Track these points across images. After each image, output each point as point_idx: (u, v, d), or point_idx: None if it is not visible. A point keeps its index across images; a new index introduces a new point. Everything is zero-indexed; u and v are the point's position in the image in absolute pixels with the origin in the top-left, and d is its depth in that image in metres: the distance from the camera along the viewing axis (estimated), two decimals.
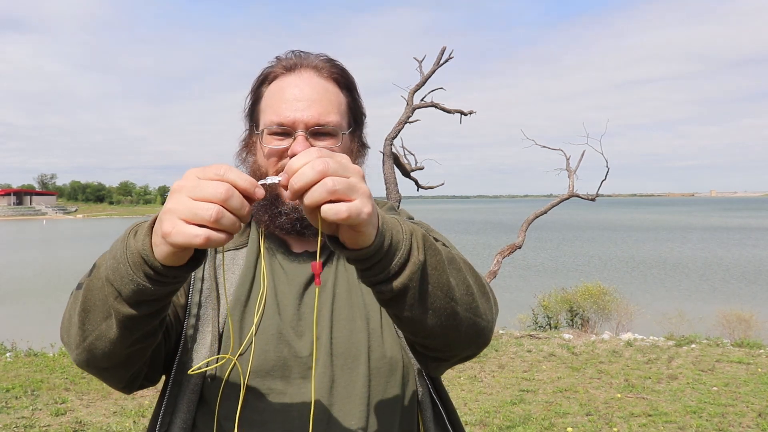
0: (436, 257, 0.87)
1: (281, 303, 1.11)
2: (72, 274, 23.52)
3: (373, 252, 0.80)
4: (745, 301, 12.91)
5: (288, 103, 1.09)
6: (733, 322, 9.66)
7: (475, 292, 0.95)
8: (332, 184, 0.73)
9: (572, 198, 8.83)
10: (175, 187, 0.74)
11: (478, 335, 0.97)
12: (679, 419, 5.24)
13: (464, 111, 8.32)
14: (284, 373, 1.05)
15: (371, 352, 1.07)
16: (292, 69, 1.13)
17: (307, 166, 0.73)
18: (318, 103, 1.09)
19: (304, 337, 1.08)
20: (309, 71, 1.12)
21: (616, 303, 10.50)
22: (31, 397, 5.85)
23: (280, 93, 1.11)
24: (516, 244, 8.30)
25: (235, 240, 1.17)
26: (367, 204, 0.75)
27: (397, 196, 7.65)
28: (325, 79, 1.12)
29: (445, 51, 8.09)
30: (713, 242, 36.29)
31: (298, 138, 1.07)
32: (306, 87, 1.10)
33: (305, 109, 1.08)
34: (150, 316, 0.87)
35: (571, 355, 7.73)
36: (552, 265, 23.95)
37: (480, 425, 5.15)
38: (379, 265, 0.82)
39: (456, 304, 0.91)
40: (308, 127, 1.08)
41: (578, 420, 5.28)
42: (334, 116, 1.10)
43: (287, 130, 1.08)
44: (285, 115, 1.08)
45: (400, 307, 0.87)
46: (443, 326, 0.91)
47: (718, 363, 7.21)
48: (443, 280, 0.88)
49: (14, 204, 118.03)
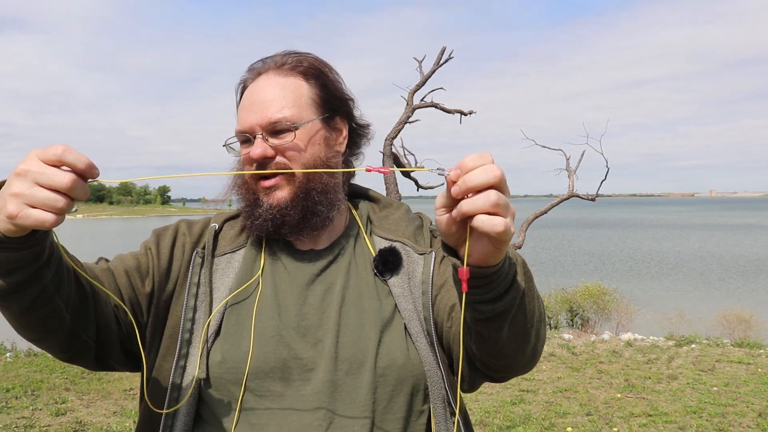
0: (530, 284, 0.91)
1: (282, 303, 1.09)
2: None
3: (495, 270, 0.83)
4: (745, 301, 12.91)
5: (246, 109, 1.12)
6: (733, 322, 9.65)
7: (543, 318, 0.99)
8: (497, 198, 0.74)
9: (572, 198, 8.83)
10: (20, 170, 0.77)
11: (535, 358, 1.01)
12: (679, 419, 5.23)
13: (464, 111, 8.31)
14: (284, 375, 1.04)
15: (378, 360, 1.05)
16: (258, 74, 1.14)
17: (482, 169, 0.75)
18: (272, 101, 1.09)
19: (306, 339, 1.06)
20: (270, 72, 1.13)
21: (616, 303, 10.49)
22: (31, 397, 5.85)
23: (243, 101, 1.14)
24: (516, 244, 8.30)
25: (232, 243, 1.17)
26: (512, 225, 0.77)
27: (397, 196, 7.65)
28: (285, 75, 1.13)
29: (445, 51, 8.08)
30: (713, 242, 36.30)
31: (255, 141, 1.09)
32: (263, 89, 1.11)
33: (259, 110, 1.09)
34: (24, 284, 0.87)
35: (571, 355, 7.73)
36: (552, 265, 23.96)
37: (480, 425, 5.15)
38: (491, 285, 0.84)
39: (533, 329, 0.94)
40: (263, 128, 1.09)
41: (578, 420, 5.28)
42: (288, 110, 1.09)
43: (247, 136, 1.11)
44: (243, 122, 1.11)
45: (491, 327, 0.90)
46: (517, 349, 0.95)
47: (718, 363, 7.21)
48: (531, 306, 0.92)
49: None
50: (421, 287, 1.10)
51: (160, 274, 1.12)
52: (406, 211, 1.25)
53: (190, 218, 1.26)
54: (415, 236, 1.18)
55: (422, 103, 8.17)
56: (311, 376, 1.04)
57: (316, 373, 1.04)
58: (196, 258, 1.13)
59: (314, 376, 1.04)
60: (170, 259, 1.14)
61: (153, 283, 1.11)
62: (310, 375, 1.04)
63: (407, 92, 8.22)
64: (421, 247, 1.15)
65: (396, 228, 1.19)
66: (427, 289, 1.09)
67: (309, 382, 1.03)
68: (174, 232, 1.19)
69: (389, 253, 1.13)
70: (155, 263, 1.13)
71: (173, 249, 1.15)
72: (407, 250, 1.14)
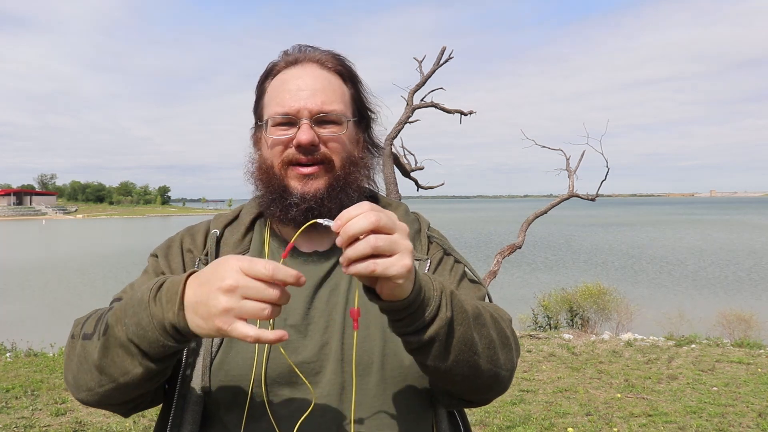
0: (462, 314, 0.93)
1: (287, 307, 1.07)
2: (72, 274, 23.52)
3: (406, 305, 0.86)
4: (745, 301, 12.91)
5: (291, 93, 1.09)
6: (733, 322, 9.66)
7: (497, 345, 1.01)
8: (375, 240, 0.78)
9: (572, 198, 8.83)
10: (228, 287, 0.79)
11: (497, 384, 1.04)
12: (679, 419, 5.23)
13: (464, 111, 8.31)
14: (290, 380, 1.03)
15: (385, 361, 1.05)
16: (296, 62, 1.13)
17: (361, 217, 0.79)
18: (321, 91, 1.09)
19: (312, 342, 1.05)
20: (312, 64, 1.13)
21: (616, 303, 10.50)
22: (31, 397, 5.85)
23: (284, 85, 1.11)
24: (516, 245, 8.30)
25: (235, 249, 1.16)
26: (406, 260, 0.80)
27: (397, 196, 7.65)
28: (329, 71, 1.13)
29: (444, 51, 8.09)
30: (713, 242, 36.29)
31: (303, 126, 1.07)
32: (309, 78, 1.10)
33: (309, 97, 1.08)
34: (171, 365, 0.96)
35: (571, 355, 7.73)
36: (551, 265, 23.96)
37: (480, 425, 5.15)
38: (410, 318, 0.88)
39: (478, 357, 0.97)
40: (312, 114, 1.07)
41: (578, 420, 5.28)
42: (338, 104, 1.10)
43: (292, 119, 1.08)
44: (289, 105, 1.08)
45: (425, 356, 0.93)
46: (464, 375, 0.97)
47: (718, 363, 7.21)
48: (467, 335, 0.94)
49: (14, 204, 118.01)
50: None
51: None
52: (405, 212, 1.24)
53: (190, 225, 1.24)
54: (413, 240, 1.17)
55: (422, 103, 8.17)
56: (319, 379, 1.03)
57: (323, 376, 1.03)
58: (200, 265, 1.12)
59: (321, 379, 1.03)
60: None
61: None
62: (318, 378, 1.03)
63: (407, 92, 8.22)
64: (418, 253, 1.16)
65: None
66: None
67: (317, 385, 1.03)
68: (180, 246, 1.18)
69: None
70: None
71: (184, 264, 1.15)
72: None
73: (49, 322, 12.70)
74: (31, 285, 20.48)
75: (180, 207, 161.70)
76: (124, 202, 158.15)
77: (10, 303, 16.59)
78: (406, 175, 8.25)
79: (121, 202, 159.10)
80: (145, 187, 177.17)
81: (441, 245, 1.21)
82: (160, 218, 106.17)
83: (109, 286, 18.60)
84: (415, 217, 1.26)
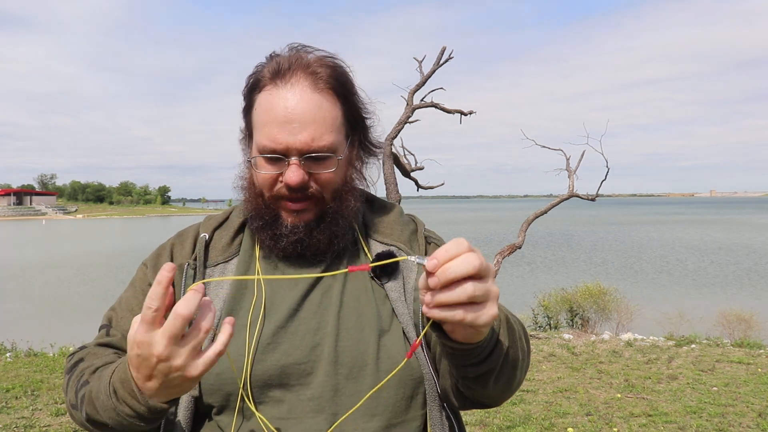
0: (512, 337, 0.95)
1: (279, 308, 1.07)
2: (72, 274, 23.52)
3: (477, 345, 0.86)
4: (745, 301, 12.91)
5: (279, 125, 1.02)
6: (733, 322, 9.65)
7: (527, 355, 1.03)
8: (473, 290, 0.74)
9: (572, 198, 8.83)
10: (159, 353, 0.79)
11: (518, 388, 1.07)
12: (679, 419, 5.23)
13: (464, 111, 8.31)
14: (282, 381, 1.03)
15: (379, 363, 1.04)
16: (284, 76, 1.04)
17: (461, 261, 0.74)
18: (311, 124, 1.02)
19: (304, 343, 1.05)
20: (302, 81, 1.03)
21: (616, 303, 10.49)
22: (31, 397, 5.85)
23: (271, 111, 1.03)
24: (516, 245, 8.30)
25: (224, 252, 1.14)
26: (494, 308, 0.78)
27: (397, 196, 7.65)
28: (320, 91, 1.04)
29: (444, 51, 8.08)
30: (713, 242, 36.28)
31: (292, 166, 1.03)
32: (298, 105, 1.02)
33: (297, 132, 1.01)
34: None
35: (571, 355, 7.73)
36: (551, 265, 23.95)
37: (480, 425, 5.15)
38: (474, 352, 0.87)
39: (519, 372, 1.00)
40: (302, 153, 1.02)
41: (578, 420, 5.28)
42: (328, 137, 1.03)
43: (280, 156, 1.04)
44: (277, 140, 1.02)
45: (478, 383, 0.95)
46: (503, 390, 1.00)
47: (718, 363, 7.21)
48: (516, 356, 0.97)
49: (14, 204, 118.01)
50: (414, 294, 1.10)
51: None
52: (400, 214, 1.23)
53: (181, 230, 1.23)
54: (410, 242, 1.17)
55: (422, 103, 8.16)
56: (311, 380, 1.03)
57: (315, 377, 1.03)
58: (188, 270, 1.11)
59: (314, 380, 1.03)
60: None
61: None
62: (310, 379, 1.03)
63: (407, 92, 8.22)
64: (416, 254, 1.15)
65: (391, 231, 1.18)
66: (419, 296, 1.08)
67: (309, 386, 1.02)
68: (170, 256, 1.17)
69: (388, 257, 1.11)
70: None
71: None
72: (402, 255, 1.13)
73: (49, 322, 12.70)
74: (31, 285, 20.47)
75: (180, 207, 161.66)
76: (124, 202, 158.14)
77: (11, 303, 16.59)
78: (406, 175, 8.25)
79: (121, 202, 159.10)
80: (145, 187, 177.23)
81: (439, 245, 1.20)
82: (160, 218, 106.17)
83: (109, 286, 18.60)
84: (410, 218, 1.25)
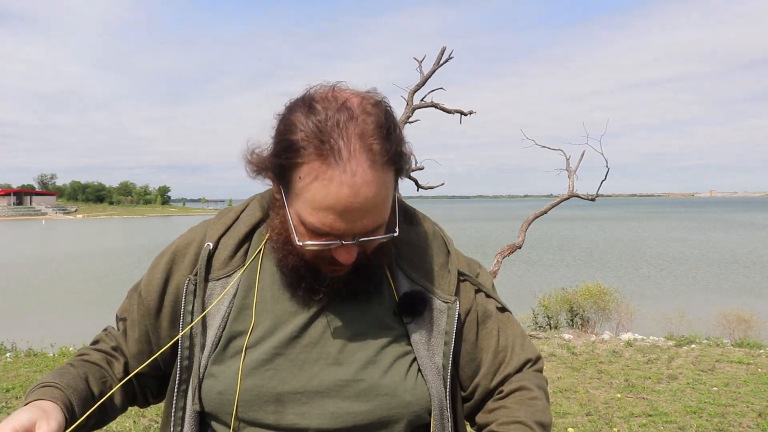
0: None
1: (281, 332, 1.03)
2: (72, 274, 23.53)
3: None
4: (745, 301, 12.91)
5: (337, 215, 0.90)
6: (733, 322, 9.65)
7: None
8: None
9: (572, 198, 8.83)
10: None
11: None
12: (679, 419, 5.23)
13: (464, 111, 8.31)
14: (278, 409, 1.00)
15: (381, 388, 1.01)
16: (338, 152, 0.87)
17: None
18: (372, 210, 0.91)
19: (303, 372, 1.02)
20: (358, 157, 0.87)
21: (616, 303, 10.49)
22: None
23: (327, 197, 0.88)
24: (516, 245, 8.30)
25: (226, 266, 1.08)
26: None
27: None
28: (382, 170, 0.90)
29: (444, 51, 8.09)
30: (713, 241, 36.27)
31: (347, 246, 0.95)
32: (360, 193, 0.88)
33: (357, 219, 0.91)
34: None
35: (571, 355, 7.73)
36: (551, 264, 23.96)
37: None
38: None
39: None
40: (358, 236, 0.94)
41: (578, 420, 5.28)
42: (386, 214, 0.95)
43: (332, 236, 0.95)
44: (333, 228, 0.91)
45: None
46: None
47: (718, 363, 7.21)
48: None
49: (14, 204, 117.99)
50: (444, 337, 1.07)
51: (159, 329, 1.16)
52: (434, 236, 1.15)
53: (186, 235, 1.16)
54: (440, 278, 1.10)
55: (422, 103, 8.17)
56: (307, 409, 1.00)
57: (311, 407, 1.00)
58: (189, 285, 1.06)
59: (311, 411, 1.00)
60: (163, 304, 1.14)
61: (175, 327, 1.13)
62: (306, 408, 1.00)
63: (407, 92, 8.22)
64: (446, 293, 1.09)
65: (421, 264, 1.11)
66: (450, 339, 1.07)
67: (304, 416, 1.00)
68: (165, 275, 1.11)
69: (416, 300, 1.07)
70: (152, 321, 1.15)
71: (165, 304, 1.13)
72: (430, 297, 1.08)
73: (49, 322, 12.70)
74: (32, 285, 20.48)
75: (180, 207, 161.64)
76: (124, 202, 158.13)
77: (11, 303, 16.59)
78: (407, 175, 8.24)
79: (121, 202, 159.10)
80: (145, 187, 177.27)
81: (472, 283, 1.14)
82: (160, 218, 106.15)
83: (109, 286, 18.61)
84: (442, 240, 1.15)
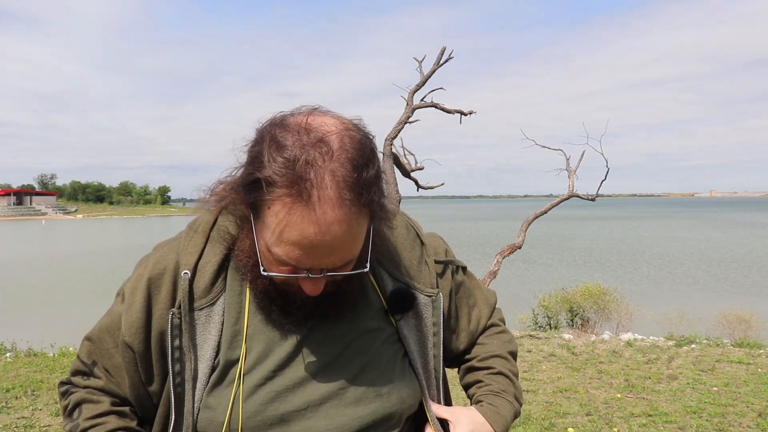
0: (521, 396, 1.23)
1: (276, 354, 1.03)
2: (72, 274, 23.52)
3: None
4: (745, 301, 12.91)
5: (304, 250, 0.87)
6: (733, 322, 9.65)
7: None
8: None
9: (572, 198, 8.83)
10: None
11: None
12: (679, 419, 5.23)
13: (464, 111, 8.31)
14: (283, 429, 1.00)
15: (379, 389, 1.04)
16: (307, 190, 0.83)
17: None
18: (341, 247, 0.89)
19: (304, 390, 1.02)
20: (329, 195, 0.83)
21: (616, 303, 10.49)
22: (31, 397, 5.84)
23: (294, 233, 0.86)
24: (516, 245, 8.30)
25: (207, 293, 1.03)
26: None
27: (397, 196, 7.65)
28: (357, 210, 0.86)
29: (444, 51, 8.08)
30: (713, 241, 36.27)
31: (315, 280, 0.94)
32: (328, 231, 0.85)
33: (325, 256, 0.89)
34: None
35: (571, 355, 7.73)
36: (551, 264, 23.95)
37: None
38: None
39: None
40: (326, 270, 0.92)
41: (578, 420, 5.28)
42: (356, 249, 0.92)
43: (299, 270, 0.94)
44: (300, 262, 0.90)
45: None
46: None
47: (718, 363, 7.21)
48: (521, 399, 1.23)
49: (14, 204, 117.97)
50: (433, 329, 1.13)
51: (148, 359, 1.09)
52: (406, 230, 1.16)
53: (154, 261, 1.09)
54: (419, 272, 1.13)
55: (422, 103, 8.16)
56: (313, 423, 1.01)
57: (317, 420, 1.01)
58: (174, 320, 1.01)
59: (317, 423, 1.01)
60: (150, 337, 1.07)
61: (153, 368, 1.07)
62: (312, 422, 1.01)
63: (407, 92, 8.21)
64: (427, 287, 1.12)
65: (400, 259, 1.12)
66: (438, 330, 1.13)
67: (311, 429, 1.01)
68: (145, 304, 1.05)
69: (405, 296, 1.09)
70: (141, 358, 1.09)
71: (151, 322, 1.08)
72: (413, 293, 1.11)
73: (49, 322, 12.70)
74: (32, 285, 20.47)
75: (180, 207, 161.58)
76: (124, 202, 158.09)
77: (11, 303, 16.59)
78: (406, 175, 8.24)
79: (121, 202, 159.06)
80: (145, 187, 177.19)
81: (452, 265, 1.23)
82: (160, 218, 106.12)
83: (109, 286, 18.59)
84: (414, 231, 1.18)
